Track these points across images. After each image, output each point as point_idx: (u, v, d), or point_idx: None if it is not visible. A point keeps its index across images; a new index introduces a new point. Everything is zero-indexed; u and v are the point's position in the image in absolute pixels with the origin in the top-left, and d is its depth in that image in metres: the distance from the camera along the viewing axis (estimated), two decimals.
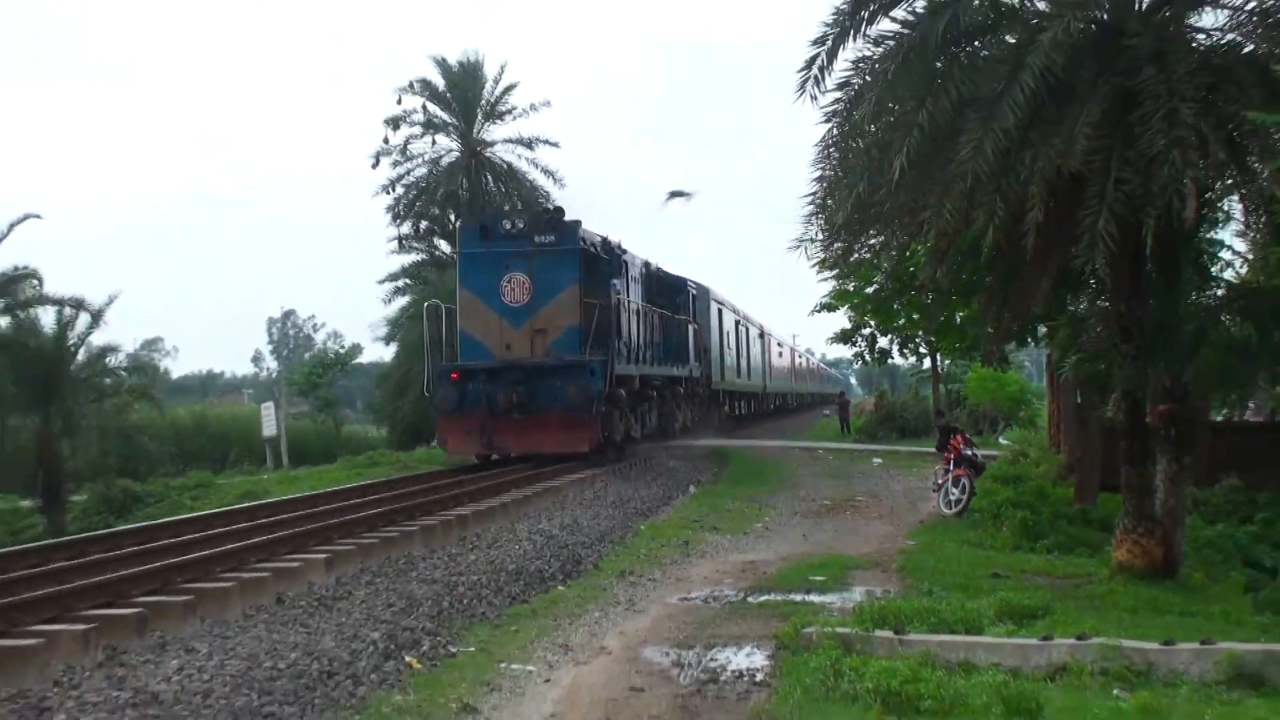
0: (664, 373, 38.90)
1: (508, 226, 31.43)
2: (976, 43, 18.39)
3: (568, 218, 33.01)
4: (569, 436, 29.52)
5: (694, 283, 47.68)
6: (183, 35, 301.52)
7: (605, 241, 34.05)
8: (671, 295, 43.04)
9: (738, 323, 59.94)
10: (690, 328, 44.22)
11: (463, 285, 31.68)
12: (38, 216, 41.45)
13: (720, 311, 53.61)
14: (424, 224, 59.66)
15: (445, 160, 58.88)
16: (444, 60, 60.67)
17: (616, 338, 31.83)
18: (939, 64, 17.76)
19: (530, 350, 30.44)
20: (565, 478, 27.62)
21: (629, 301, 34.59)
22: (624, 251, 35.75)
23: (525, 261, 30.61)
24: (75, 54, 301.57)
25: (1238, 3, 17.67)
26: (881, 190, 17.77)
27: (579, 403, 28.98)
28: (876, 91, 17.46)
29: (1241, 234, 21.04)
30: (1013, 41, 17.91)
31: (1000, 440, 48.65)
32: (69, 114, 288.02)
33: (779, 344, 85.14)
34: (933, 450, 29.52)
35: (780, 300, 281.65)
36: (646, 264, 39.36)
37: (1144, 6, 17.90)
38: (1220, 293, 20.39)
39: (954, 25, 17.26)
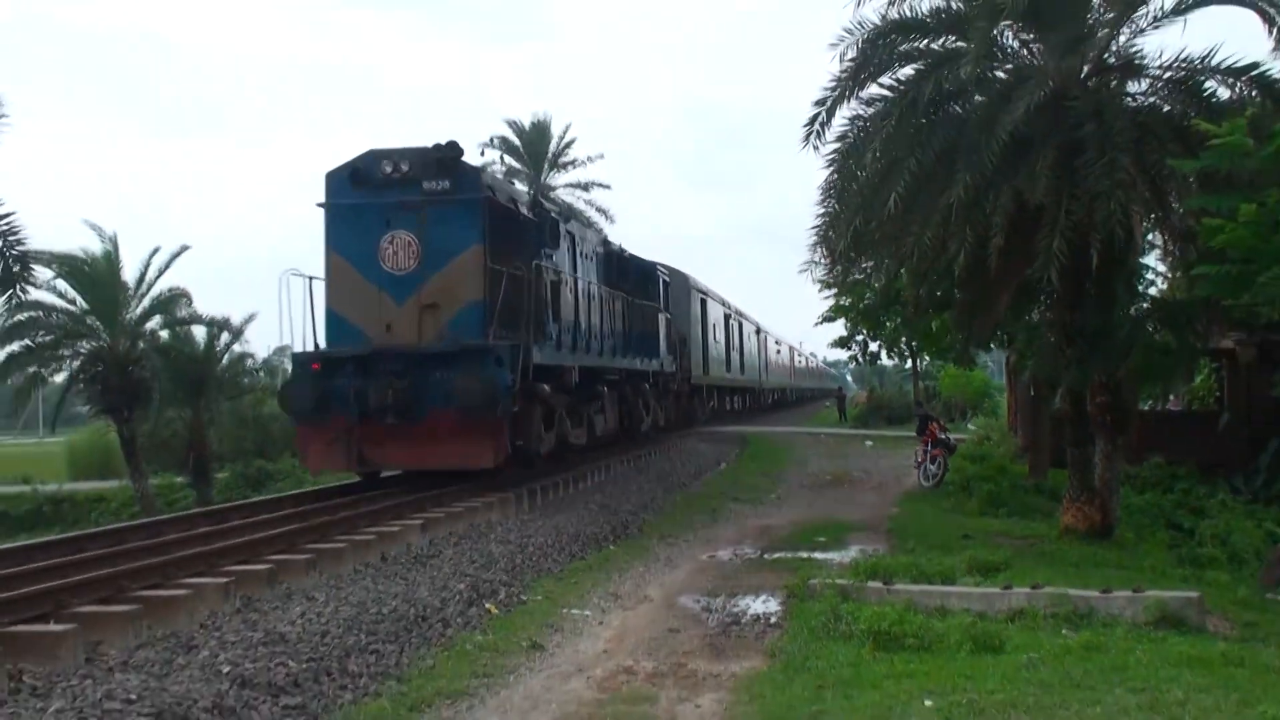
0: (624, 365, 28.01)
1: (388, 170, 19.58)
2: (950, 105, 18.47)
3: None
4: (464, 448, 18.69)
5: (667, 268, 36.71)
6: (300, 101, 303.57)
7: (536, 201, 23.65)
8: (640, 281, 31.70)
9: (728, 316, 49.93)
10: (662, 317, 33.20)
11: (331, 248, 19.87)
12: (189, 247, 41.68)
13: (704, 302, 43.28)
14: None
15: None
16: (517, 122, 61.18)
17: (550, 320, 21.59)
18: (923, 121, 17.87)
19: (418, 333, 19.36)
20: (618, 456, 27.13)
21: (573, 279, 23.90)
22: (567, 219, 25.52)
23: (412, 216, 19.47)
24: (214, 119, 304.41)
25: (1156, 73, 17.85)
26: (872, 224, 17.95)
27: (477, 401, 18.21)
28: (879, 142, 17.53)
29: (1162, 259, 21.13)
30: (980, 100, 18.04)
31: (968, 426, 48.30)
32: (211, 165, 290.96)
33: (777, 341, 72.86)
34: (914, 435, 29.39)
35: (790, 313, 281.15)
36: (606, 241, 28.72)
37: (1083, 75, 17.94)
38: (1146, 306, 20.40)
39: (937, 89, 17.37)
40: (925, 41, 18.66)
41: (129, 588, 10.43)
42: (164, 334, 42.59)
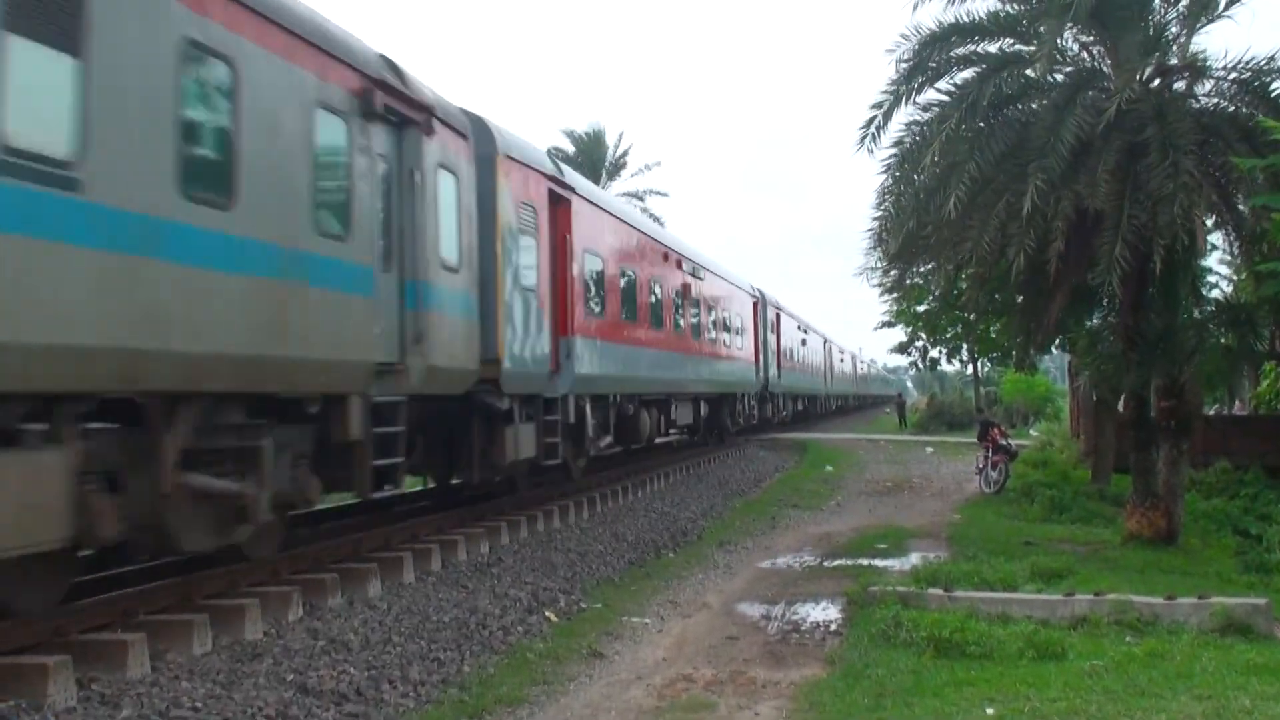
0: None
1: None
2: (1007, 108, 18.37)
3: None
4: None
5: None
6: None
7: None
8: None
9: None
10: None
11: None
12: None
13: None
14: None
15: None
16: (574, 132, 61.51)
17: None
18: (982, 124, 17.78)
19: None
20: (679, 464, 27.04)
21: None
22: None
23: None
24: None
25: (1221, 74, 17.69)
26: (928, 227, 17.93)
27: None
28: (937, 145, 17.41)
29: (1226, 262, 21.01)
30: (1036, 107, 17.97)
31: (1030, 432, 48.05)
32: None
33: (694, 271, 29.39)
34: (975, 440, 29.24)
35: (847, 321, 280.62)
36: None
37: (1144, 77, 17.80)
38: (1210, 309, 20.22)
39: (996, 92, 17.31)
40: (982, 45, 18.58)
41: (196, 596, 10.54)
42: None
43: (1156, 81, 18.13)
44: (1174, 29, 18.10)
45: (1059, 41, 18.35)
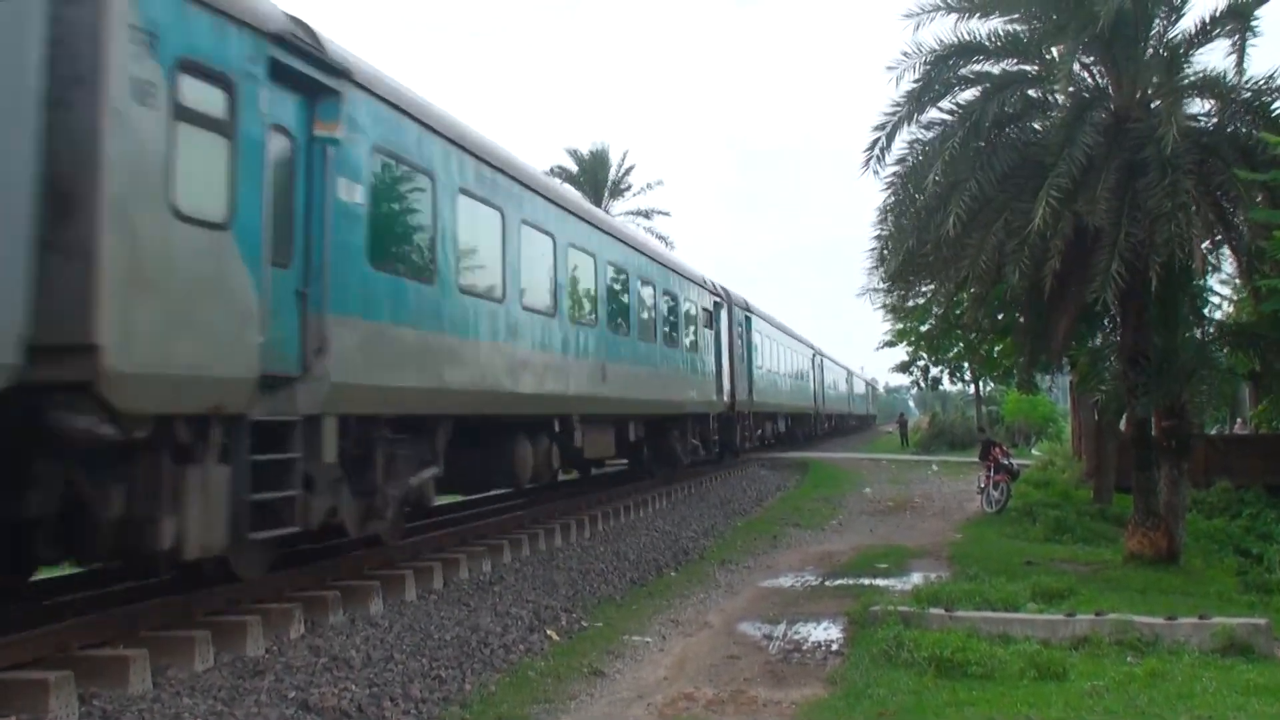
0: None
1: None
2: (1009, 127, 18.42)
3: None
4: None
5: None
6: None
7: None
8: None
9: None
10: None
11: None
12: None
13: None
14: None
15: None
16: (577, 151, 61.65)
17: None
18: (984, 143, 17.83)
19: None
20: (682, 483, 27.00)
21: None
22: None
23: None
24: None
25: (1220, 94, 17.74)
26: (928, 245, 17.94)
27: None
28: (940, 164, 17.47)
29: (1230, 283, 21.07)
30: (1039, 126, 18.03)
31: (1032, 451, 48.01)
32: None
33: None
34: (977, 460, 29.22)
35: (848, 339, 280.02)
36: None
37: (1143, 97, 17.85)
38: (1212, 330, 20.26)
39: (1000, 112, 17.36)
40: (986, 65, 18.65)
41: (197, 612, 10.53)
42: None
43: (1159, 102, 18.16)
44: (1164, 54, 18.10)
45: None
